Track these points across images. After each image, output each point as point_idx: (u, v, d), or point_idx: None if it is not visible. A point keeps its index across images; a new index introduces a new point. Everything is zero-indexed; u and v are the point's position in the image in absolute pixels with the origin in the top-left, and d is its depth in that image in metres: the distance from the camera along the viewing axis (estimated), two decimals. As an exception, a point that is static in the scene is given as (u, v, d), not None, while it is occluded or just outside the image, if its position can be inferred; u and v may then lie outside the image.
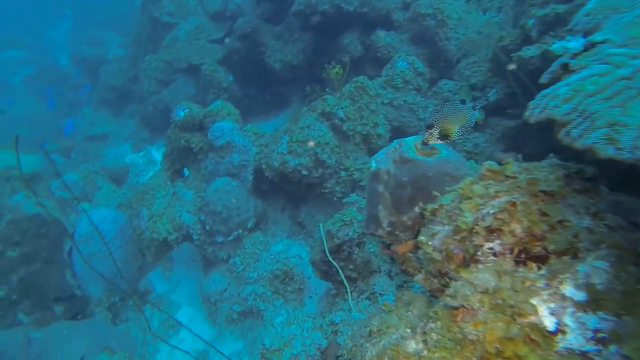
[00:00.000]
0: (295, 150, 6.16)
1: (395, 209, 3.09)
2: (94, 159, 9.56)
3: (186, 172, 7.47)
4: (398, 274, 5.75)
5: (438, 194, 2.83)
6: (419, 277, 2.64)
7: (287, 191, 7.32)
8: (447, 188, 2.77)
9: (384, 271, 5.45)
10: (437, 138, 2.77)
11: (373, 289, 5.29)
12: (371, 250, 5.22)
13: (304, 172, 6.19)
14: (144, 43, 11.45)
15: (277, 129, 7.08)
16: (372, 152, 6.68)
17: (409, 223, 3.06)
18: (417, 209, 3.01)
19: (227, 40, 10.06)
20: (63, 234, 6.38)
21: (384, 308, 3.01)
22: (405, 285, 5.29)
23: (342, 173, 6.31)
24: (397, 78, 7.15)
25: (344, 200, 5.56)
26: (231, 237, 6.34)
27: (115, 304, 6.66)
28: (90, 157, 9.71)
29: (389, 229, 3.12)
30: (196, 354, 6.59)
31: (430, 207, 2.59)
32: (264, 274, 6.45)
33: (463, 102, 2.72)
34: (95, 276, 6.24)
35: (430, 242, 2.41)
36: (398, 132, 7.02)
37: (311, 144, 5.93)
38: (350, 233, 4.95)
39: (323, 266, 5.20)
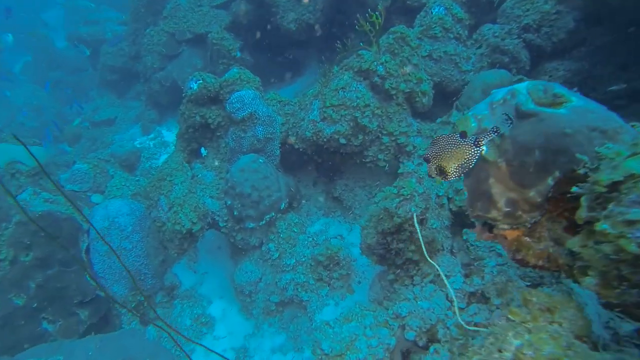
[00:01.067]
0: (330, 116, 5.23)
1: (517, 182, 2.20)
2: (102, 146, 8.72)
3: (204, 151, 6.60)
4: (461, 251, 4.91)
5: (585, 159, 1.93)
6: (589, 281, 1.76)
7: (320, 163, 6.44)
8: (597, 149, 1.87)
9: (446, 248, 4.62)
10: (436, 173, 2.28)
11: (438, 270, 4.48)
12: (434, 227, 4.36)
13: (342, 140, 5.28)
14: (143, 16, 10.38)
15: (304, 94, 6.14)
16: (416, 112, 5.73)
17: (538, 200, 2.17)
18: (550, 180, 2.12)
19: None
20: (78, 232, 5.61)
21: (511, 317, 2.17)
22: (475, 264, 4.46)
23: (386, 139, 5.39)
24: (435, 26, 6.09)
25: (399, 171, 4.67)
26: (263, 222, 5.51)
27: (142, 303, 5.95)
28: (99, 145, 8.87)
29: (508, 209, 2.23)
30: (235, 351, 5.92)
31: (604, 178, 1.69)
32: (303, 259, 5.67)
33: (463, 135, 2.22)
34: (118, 274, 5.50)
35: (630, 235, 1.52)
36: (439, 89, 6.03)
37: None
38: (413, 209, 4.09)
39: (380, 249, 4.37)
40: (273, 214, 5.59)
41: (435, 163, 2.23)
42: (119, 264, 5.31)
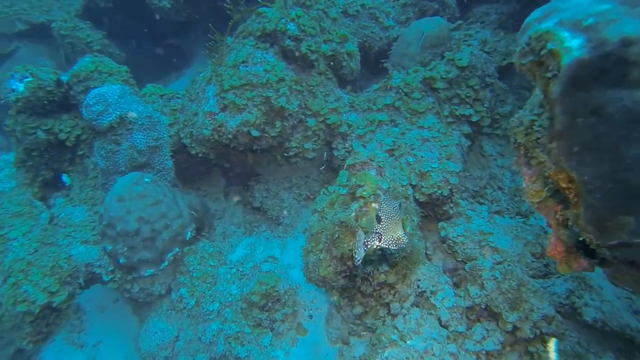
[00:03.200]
0: (233, 102, 3.63)
1: None
2: None
3: (66, 179, 4.60)
4: (437, 251, 3.66)
5: None
6: None
7: (229, 168, 4.80)
8: None
9: (422, 253, 3.30)
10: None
11: (419, 286, 3.17)
12: (407, 231, 3.02)
13: (254, 132, 3.72)
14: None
15: (193, 80, 4.44)
16: (343, 81, 4.34)
17: None
18: None
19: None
20: None
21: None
22: (466, 269, 3.21)
23: (311, 121, 3.93)
24: (344, -27, 4.73)
25: (348, 162, 3.19)
26: (165, 263, 3.79)
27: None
28: None
29: None
30: None
31: None
32: (229, 299, 4.06)
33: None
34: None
35: None
36: (361, 51, 4.69)
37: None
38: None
39: (341, 280, 2.92)
40: (177, 249, 3.88)
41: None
42: None
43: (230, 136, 3.79)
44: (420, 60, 4.05)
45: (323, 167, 4.14)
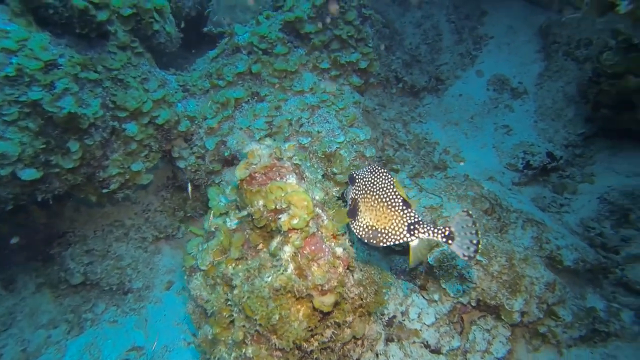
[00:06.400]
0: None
1: None
2: None
3: None
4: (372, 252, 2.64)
5: None
6: None
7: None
8: None
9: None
10: (349, 204, 1.44)
11: (383, 313, 2.13)
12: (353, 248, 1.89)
13: (28, 174, 1.96)
14: None
15: None
16: (161, 56, 2.80)
17: None
18: None
19: None
20: None
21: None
22: (438, 265, 2.23)
23: (132, 127, 2.34)
24: None
25: (239, 176, 1.66)
26: None
27: None
28: None
29: None
30: None
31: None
32: None
33: (407, 205, 1.38)
34: None
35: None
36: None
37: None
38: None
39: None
40: None
41: (355, 194, 1.38)
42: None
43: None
44: (259, 9, 2.83)
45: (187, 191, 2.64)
